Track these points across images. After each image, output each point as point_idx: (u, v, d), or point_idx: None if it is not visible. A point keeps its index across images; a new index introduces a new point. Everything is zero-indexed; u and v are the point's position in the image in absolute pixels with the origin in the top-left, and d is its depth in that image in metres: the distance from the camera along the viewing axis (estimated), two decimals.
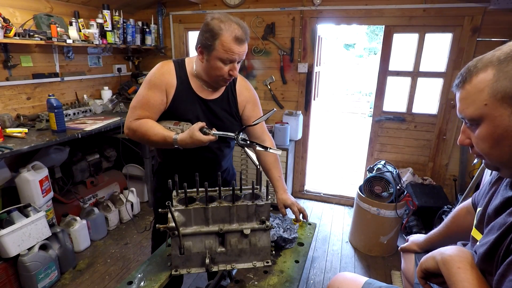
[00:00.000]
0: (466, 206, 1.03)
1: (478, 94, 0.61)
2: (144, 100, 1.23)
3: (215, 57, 1.15)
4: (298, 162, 3.33)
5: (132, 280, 1.00)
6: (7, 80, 2.25)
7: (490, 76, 0.60)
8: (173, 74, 1.26)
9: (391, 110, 2.94)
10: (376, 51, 11.95)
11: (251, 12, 3.02)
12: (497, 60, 0.59)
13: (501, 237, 0.63)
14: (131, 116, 1.25)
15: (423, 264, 0.76)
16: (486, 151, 0.64)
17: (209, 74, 1.22)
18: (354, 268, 2.34)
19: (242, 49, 1.16)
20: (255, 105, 1.41)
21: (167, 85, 1.24)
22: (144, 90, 1.24)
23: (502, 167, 0.66)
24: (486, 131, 0.62)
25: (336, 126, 7.56)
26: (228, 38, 1.11)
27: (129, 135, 1.26)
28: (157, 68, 1.26)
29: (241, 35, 1.13)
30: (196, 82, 1.29)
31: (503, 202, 0.69)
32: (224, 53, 1.13)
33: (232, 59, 1.16)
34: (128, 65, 3.51)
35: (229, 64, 1.17)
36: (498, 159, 0.64)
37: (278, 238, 1.19)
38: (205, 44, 1.15)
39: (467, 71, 0.64)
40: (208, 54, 1.17)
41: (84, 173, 2.66)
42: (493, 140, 0.62)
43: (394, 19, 2.69)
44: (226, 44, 1.12)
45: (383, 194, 2.37)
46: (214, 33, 1.12)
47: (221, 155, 1.39)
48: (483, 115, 0.61)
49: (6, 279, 1.86)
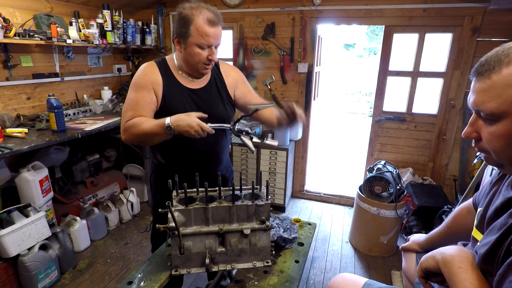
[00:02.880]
0: (466, 206, 1.03)
1: (507, 88, 0.54)
2: (133, 102, 1.24)
3: (192, 43, 1.18)
4: (298, 162, 3.33)
5: (132, 280, 1.00)
6: (7, 80, 2.25)
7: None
8: (157, 72, 1.27)
9: (391, 110, 2.94)
10: (376, 51, 11.95)
11: (251, 12, 3.02)
12: None
13: (501, 238, 0.63)
14: (124, 120, 1.26)
15: (423, 263, 0.76)
16: (497, 149, 0.60)
17: (189, 62, 1.24)
18: (354, 268, 2.34)
19: (217, 31, 1.19)
20: (244, 82, 1.45)
21: (153, 83, 1.25)
22: (132, 93, 1.25)
23: (507, 164, 0.63)
24: (506, 129, 0.57)
25: (336, 126, 7.56)
26: (201, 22, 1.15)
27: (126, 138, 1.26)
28: (140, 70, 1.27)
29: (213, 17, 1.17)
30: (181, 75, 1.31)
31: (504, 202, 0.69)
32: (200, 38, 1.16)
33: (209, 42, 1.18)
34: (128, 65, 3.51)
35: (207, 49, 1.20)
36: (505, 157, 0.61)
37: (278, 238, 1.19)
38: (180, 33, 1.19)
39: (496, 60, 0.56)
40: (184, 42, 1.20)
41: (84, 173, 2.66)
42: (509, 140, 0.57)
43: (394, 19, 2.69)
44: (200, 28, 1.15)
45: (383, 194, 2.37)
46: (187, 20, 1.16)
47: (219, 148, 1.40)
48: (508, 112, 0.55)
49: (6, 279, 1.86)
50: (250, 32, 3.08)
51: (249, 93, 1.42)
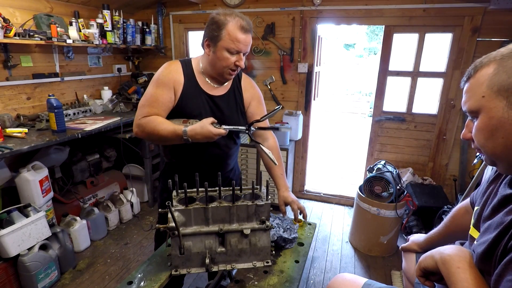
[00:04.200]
0: (464, 206, 1.03)
1: (479, 87, 0.64)
2: (153, 98, 1.25)
3: (222, 47, 1.19)
4: (298, 162, 3.33)
5: (132, 280, 1.00)
6: (7, 80, 2.25)
7: (491, 70, 0.63)
8: (180, 72, 1.28)
9: (391, 110, 2.94)
10: (376, 51, 11.95)
11: (251, 12, 3.02)
12: (500, 56, 0.63)
13: (498, 236, 0.63)
14: (139, 114, 1.26)
15: (422, 263, 0.76)
16: (481, 143, 0.66)
17: (216, 66, 1.24)
18: (354, 268, 2.34)
19: (248, 39, 1.21)
20: (259, 103, 1.44)
21: (174, 82, 1.26)
22: (152, 88, 1.26)
23: (498, 161, 0.67)
24: (483, 122, 0.64)
25: (336, 126, 7.56)
26: (234, 27, 1.17)
27: (138, 133, 1.27)
28: (164, 67, 1.28)
29: (246, 25, 1.19)
30: (203, 79, 1.31)
31: (500, 200, 0.69)
32: (231, 42, 1.18)
33: (239, 48, 1.19)
34: (128, 65, 3.51)
35: (235, 55, 1.21)
36: (492, 151, 0.65)
37: (278, 238, 1.19)
38: (211, 36, 1.20)
39: (473, 67, 0.67)
40: (214, 46, 1.21)
41: (84, 173, 2.66)
42: (488, 132, 0.64)
43: (394, 19, 2.69)
44: (232, 33, 1.17)
45: (383, 194, 2.37)
46: (220, 24, 1.17)
47: (228, 153, 1.40)
48: (480, 107, 0.64)
49: (6, 279, 1.86)
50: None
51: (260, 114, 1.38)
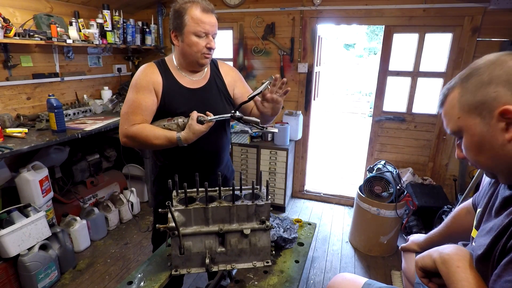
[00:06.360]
0: (466, 206, 1.03)
1: (452, 110, 0.69)
2: (135, 104, 1.24)
3: (189, 32, 1.20)
4: (298, 162, 3.33)
5: (132, 280, 1.00)
6: (7, 80, 2.25)
7: (457, 94, 0.68)
8: (156, 72, 1.28)
9: (391, 110, 2.94)
10: (376, 51, 11.95)
11: (251, 12, 3.02)
12: (459, 79, 0.68)
13: (497, 238, 0.63)
14: (125, 123, 1.24)
15: (419, 262, 0.76)
16: (473, 159, 0.69)
17: (188, 54, 1.24)
18: (354, 268, 2.34)
19: (213, 19, 1.22)
20: (242, 82, 1.47)
21: (154, 84, 1.25)
22: (133, 94, 1.24)
23: (495, 172, 0.69)
24: (467, 140, 0.67)
25: (336, 126, 7.56)
26: (195, 10, 1.18)
27: (127, 143, 1.26)
28: (140, 71, 1.28)
29: (206, 6, 1.20)
30: (180, 75, 1.31)
31: (501, 202, 0.69)
32: (196, 25, 1.18)
33: (205, 30, 1.20)
34: (128, 65, 3.51)
35: (204, 38, 1.21)
36: (486, 165, 0.67)
37: (278, 238, 1.19)
38: (176, 26, 1.21)
39: (443, 93, 0.72)
40: (181, 34, 1.21)
41: (84, 173, 2.66)
42: (475, 148, 0.66)
43: (394, 19, 2.69)
44: (195, 16, 1.18)
45: (383, 194, 2.37)
46: (181, 11, 1.19)
47: (220, 145, 1.40)
48: (460, 127, 0.68)
49: (6, 279, 1.86)
50: (250, 32, 3.09)
51: (247, 93, 1.43)
